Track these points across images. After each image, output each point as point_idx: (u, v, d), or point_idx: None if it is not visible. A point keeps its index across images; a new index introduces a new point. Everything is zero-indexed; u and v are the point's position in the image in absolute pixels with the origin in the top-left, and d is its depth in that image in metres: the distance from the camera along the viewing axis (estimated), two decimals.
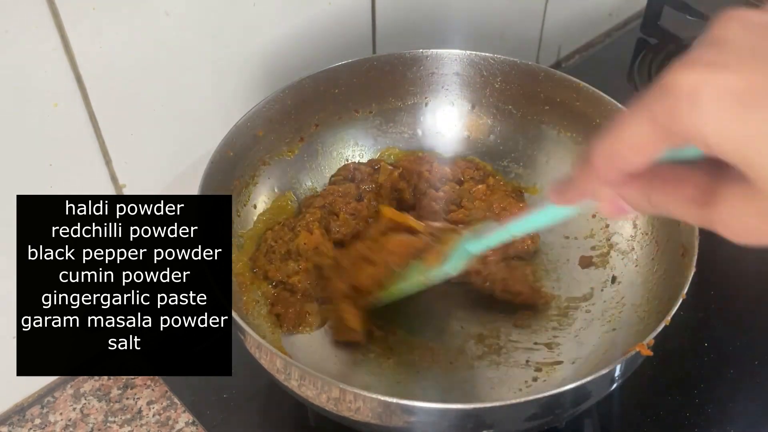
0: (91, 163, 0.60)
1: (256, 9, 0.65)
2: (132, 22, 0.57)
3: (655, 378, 0.64)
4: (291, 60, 0.70)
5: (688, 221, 0.34)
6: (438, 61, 0.71)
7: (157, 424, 0.62)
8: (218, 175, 0.60)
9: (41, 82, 0.53)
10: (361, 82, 0.70)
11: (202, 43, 0.63)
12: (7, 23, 0.49)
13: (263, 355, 0.50)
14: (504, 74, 0.71)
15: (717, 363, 0.65)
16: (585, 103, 0.68)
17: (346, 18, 0.73)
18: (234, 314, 0.50)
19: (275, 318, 0.61)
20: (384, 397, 0.46)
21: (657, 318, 0.53)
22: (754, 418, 0.62)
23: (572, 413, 0.54)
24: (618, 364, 0.48)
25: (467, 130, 0.74)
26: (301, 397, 0.51)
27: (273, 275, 0.62)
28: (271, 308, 0.61)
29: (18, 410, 0.63)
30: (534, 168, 0.73)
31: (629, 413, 0.62)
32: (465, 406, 0.48)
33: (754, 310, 0.71)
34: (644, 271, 0.62)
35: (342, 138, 0.72)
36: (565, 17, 0.98)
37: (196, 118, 0.66)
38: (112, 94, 0.58)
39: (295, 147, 0.70)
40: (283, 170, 0.69)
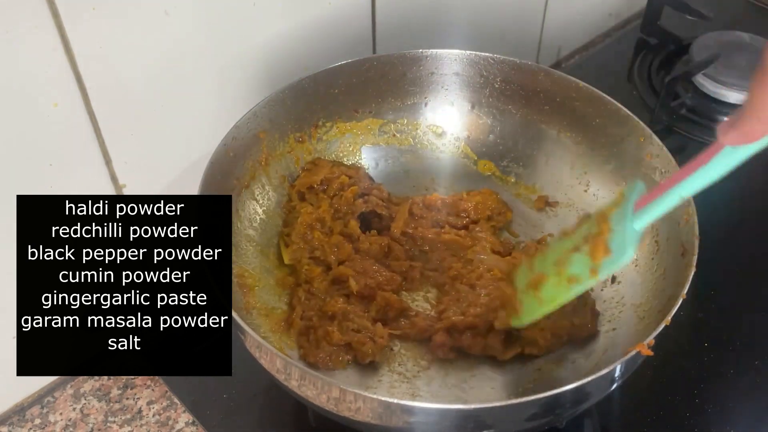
0: (91, 163, 0.60)
1: (256, 9, 0.65)
2: (132, 22, 0.56)
3: (655, 378, 0.64)
4: (291, 60, 0.70)
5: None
6: (438, 61, 0.71)
7: (157, 424, 0.62)
8: (218, 175, 0.60)
9: (41, 82, 0.53)
10: (361, 82, 0.70)
11: (202, 43, 0.63)
12: (7, 23, 0.49)
13: (263, 355, 0.50)
14: (504, 74, 0.71)
15: (717, 363, 0.65)
16: (585, 103, 0.68)
17: (346, 18, 0.73)
18: (234, 314, 0.50)
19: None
20: (384, 397, 0.46)
21: (657, 318, 0.53)
22: (754, 418, 0.62)
23: (572, 413, 0.54)
24: (618, 364, 0.48)
25: (467, 130, 0.74)
26: (301, 397, 0.51)
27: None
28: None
29: (18, 410, 0.63)
30: (534, 168, 0.73)
31: (629, 413, 0.62)
32: (465, 406, 0.48)
33: (754, 310, 0.70)
34: (644, 271, 0.62)
35: (342, 138, 0.72)
36: (565, 17, 0.98)
37: (196, 118, 0.66)
38: (112, 94, 0.58)
39: (295, 147, 0.70)
40: (283, 170, 0.69)
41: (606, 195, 0.69)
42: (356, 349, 0.59)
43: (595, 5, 1.03)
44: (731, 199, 0.77)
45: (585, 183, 0.70)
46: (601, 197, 0.69)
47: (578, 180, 0.70)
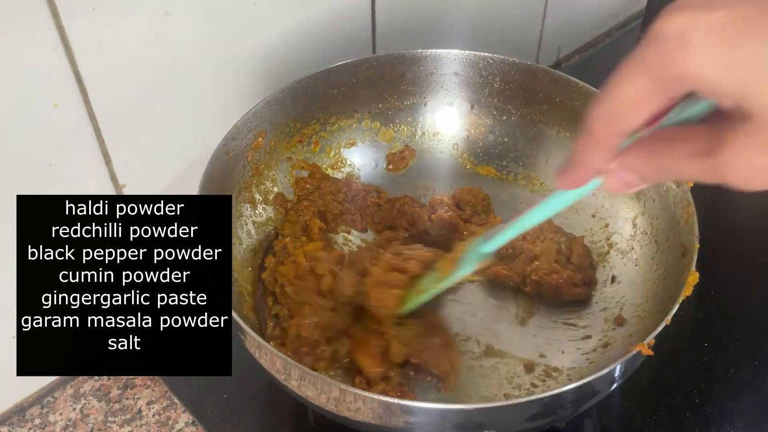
0: (91, 163, 0.60)
1: (256, 9, 0.65)
2: (132, 22, 0.56)
3: (655, 378, 0.64)
4: (291, 60, 0.70)
5: (695, 178, 0.32)
6: (437, 61, 0.71)
7: (157, 424, 0.62)
8: (218, 175, 0.60)
9: (41, 82, 0.53)
10: (361, 82, 0.70)
11: (202, 43, 0.63)
12: (7, 23, 0.49)
13: (263, 355, 0.50)
14: (503, 74, 0.71)
15: (717, 363, 0.65)
16: (585, 103, 0.68)
17: (346, 18, 0.73)
18: (234, 314, 0.50)
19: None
20: (384, 397, 0.46)
21: (657, 318, 0.53)
22: (754, 418, 0.62)
23: (572, 413, 0.54)
24: (618, 364, 0.48)
25: (466, 130, 0.74)
26: (301, 397, 0.51)
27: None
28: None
29: (18, 410, 0.63)
30: (533, 168, 0.73)
31: (629, 413, 0.62)
32: (465, 406, 0.48)
33: (754, 310, 0.71)
34: (644, 271, 0.62)
35: (341, 138, 0.72)
36: (565, 17, 0.98)
37: (196, 118, 0.66)
38: (112, 94, 0.58)
39: (294, 147, 0.70)
40: (282, 170, 0.69)
41: (605, 194, 0.69)
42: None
43: (595, 5, 1.03)
44: (731, 199, 0.77)
45: None
46: (600, 196, 0.69)
47: None
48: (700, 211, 0.56)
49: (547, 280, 0.63)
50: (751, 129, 0.29)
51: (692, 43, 0.28)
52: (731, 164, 0.30)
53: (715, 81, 0.28)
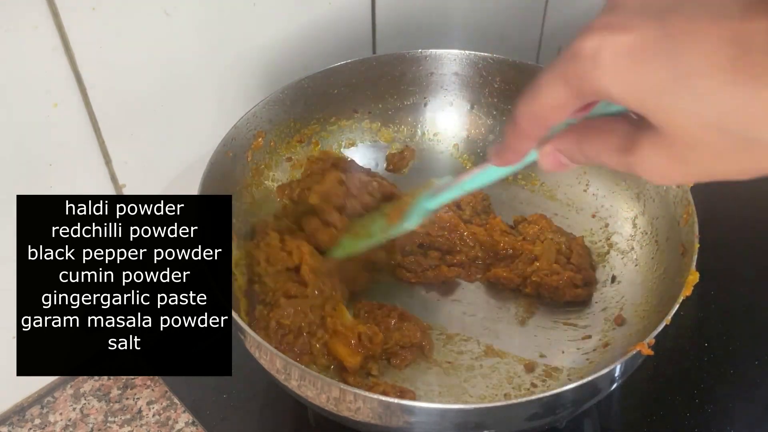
0: (91, 163, 0.60)
1: (256, 9, 0.65)
2: (132, 22, 0.56)
3: (655, 378, 0.64)
4: (291, 60, 0.70)
5: (614, 167, 0.36)
6: (437, 61, 0.71)
7: (157, 424, 0.62)
8: (218, 175, 0.60)
9: (41, 82, 0.53)
10: (361, 82, 0.70)
11: (202, 43, 0.63)
12: (7, 23, 0.49)
13: (263, 355, 0.50)
14: (503, 74, 0.71)
15: (717, 363, 0.65)
16: None
17: (346, 18, 0.73)
18: (234, 314, 0.50)
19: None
20: (384, 397, 0.46)
21: (657, 318, 0.53)
22: (754, 418, 0.62)
23: (572, 413, 0.54)
24: (618, 363, 0.48)
25: (466, 130, 0.74)
26: (301, 397, 0.51)
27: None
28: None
29: (18, 410, 0.63)
30: (533, 167, 0.72)
31: (629, 413, 0.62)
32: (465, 406, 0.48)
33: (754, 310, 0.71)
34: (644, 271, 0.62)
35: (341, 138, 0.72)
36: (565, 17, 0.98)
37: (196, 118, 0.66)
38: (112, 94, 0.58)
39: (294, 147, 0.70)
40: (282, 170, 0.69)
41: (605, 194, 0.69)
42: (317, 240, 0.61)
43: (595, 5, 1.03)
44: (731, 199, 0.77)
45: (584, 183, 0.70)
46: (600, 196, 0.69)
47: (578, 180, 0.70)
48: (700, 211, 0.56)
49: (548, 281, 0.63)
50: (655, 139, 0.33)
51: (603, 63, 0.31)
52: (641, 164, 0.34)
53: (622, 98, 0.32)
